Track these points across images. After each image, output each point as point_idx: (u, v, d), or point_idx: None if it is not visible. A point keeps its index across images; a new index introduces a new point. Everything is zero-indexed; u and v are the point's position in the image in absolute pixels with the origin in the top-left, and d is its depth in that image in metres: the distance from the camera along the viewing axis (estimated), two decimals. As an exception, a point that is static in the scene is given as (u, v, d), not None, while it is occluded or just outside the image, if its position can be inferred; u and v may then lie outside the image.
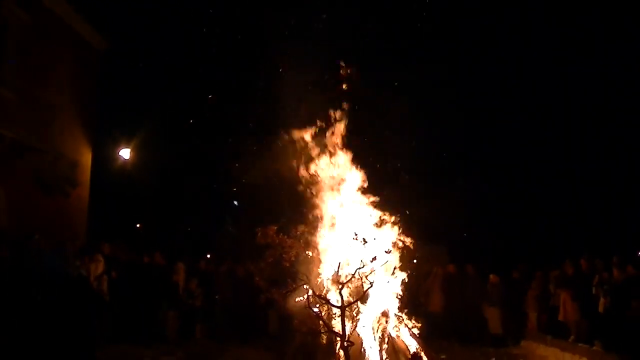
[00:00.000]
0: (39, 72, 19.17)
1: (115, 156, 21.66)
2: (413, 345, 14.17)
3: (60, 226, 19.11)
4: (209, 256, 22.95)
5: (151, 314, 17.28)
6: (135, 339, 16.24)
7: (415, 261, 15.19)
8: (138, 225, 33.76)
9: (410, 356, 13.76)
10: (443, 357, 15.91)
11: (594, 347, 15.92)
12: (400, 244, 14.61)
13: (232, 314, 18.77)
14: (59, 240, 15.60)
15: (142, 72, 25.34)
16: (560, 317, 18.30)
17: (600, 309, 16.24)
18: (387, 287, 14.42)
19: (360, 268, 13.29)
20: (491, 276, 20.31)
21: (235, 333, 18.53)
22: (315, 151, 15.48)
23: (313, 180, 15.52)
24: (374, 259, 13.43)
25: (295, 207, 15.81)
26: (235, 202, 36.89)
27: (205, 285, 19.13)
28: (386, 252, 14.18)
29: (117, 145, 21.48)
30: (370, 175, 15.50)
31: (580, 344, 16.67)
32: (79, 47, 20.98)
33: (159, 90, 26.11)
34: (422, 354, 14.18)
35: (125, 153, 21.51)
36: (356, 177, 15.44)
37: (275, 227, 14.44)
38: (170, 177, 28.21)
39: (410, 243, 14.75)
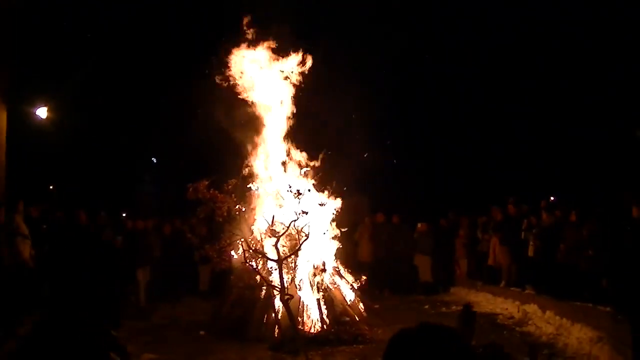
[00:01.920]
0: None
1: (32, 115, 20.90)
2: (350, 296, 14.22)
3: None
4: (124, 214, 22.48)
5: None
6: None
7: (335, 212, 15.05)
8: (51, 187, 33.04)
9: (347, 305, 13.80)
10: (376, 306, 15.98)
11: (526, 291, 16.18)
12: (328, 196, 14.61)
13: (162, 271, 18.35)
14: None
15: (60, 29, 24.39)
16: (490, 262, 18.59)
17: (530, 253, 16.48)
18: (322, 239, 14.39)
19: (294, 221, 13.13)
20: (419, 225, 20.44)
21: (165, 290, 18.13)
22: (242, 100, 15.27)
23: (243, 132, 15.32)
24: (305, 212, 13.32)
25: (223, 161, 15.59)
26: (154, 159, 36.50)
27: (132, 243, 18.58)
28: (320, 205, 14.12)
29: (33, 104, 20.72)
30: (299, 127, 15.40)
31: (512, 288, 16.95)
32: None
33: (77, 48, 25.21)
34: (360, 304, 14.26)
35: (42, 112, 20.75)
36: (283, 127, 15.33)
37: (207, 182, 14.21)
38: (87, 136, 27.56)
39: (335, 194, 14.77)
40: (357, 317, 13.67)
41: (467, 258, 20.04)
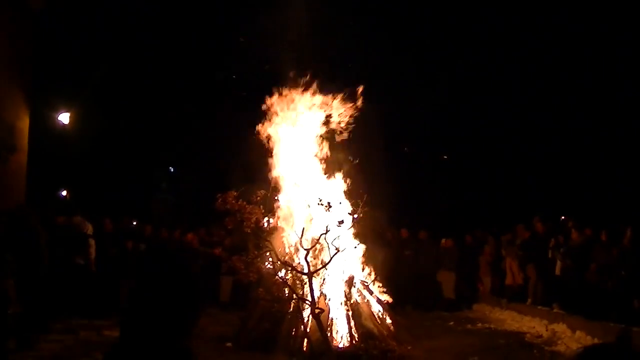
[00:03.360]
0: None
1: (55, 121, 20.84)
2: (378, 311, 14.06)
3: (-3, 193, 18.24)
4: (134, 223, 22.25)
5: (105, 283, 16.65)
6: (87, 311, 15.69)
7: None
8: (64, 193, 32.94)
9: (376, 320, 13.64)
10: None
11: (554, 310, 16.02)
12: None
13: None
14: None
15: (81, 33, 24.36)
16: (508, 281, 18.56)
17: (557, 271, 16.35)
18: (351, 253, 14.22)
19: (324, 233, 13.00)
20: (443, 240, 20.29)
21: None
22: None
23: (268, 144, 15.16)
24: (341, 222, 13.20)
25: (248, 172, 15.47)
26: (171, 168, 36.42)
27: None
28: (339, 223, 13.88)
29: (56, 109, 20.67)
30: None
31: (539, 307, 16.80)
32: (15, 7, 19.98)
33: (98, 53, 25.16)
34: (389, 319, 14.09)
35: (64, 117, 20.69)
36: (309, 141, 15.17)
37: (235, 193, 14.07)
38: (104, 141, 27.46)
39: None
40: (385, 333, 13.50)
41: (490, 276, 19.93)
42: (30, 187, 19.13)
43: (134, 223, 21.80)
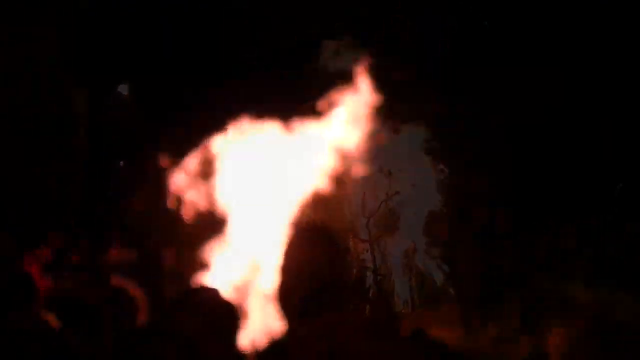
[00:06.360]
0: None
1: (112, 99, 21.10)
2: (438, 280, 14.03)
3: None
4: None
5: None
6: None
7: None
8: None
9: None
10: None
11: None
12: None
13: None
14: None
15: (129, 28, 24.48)
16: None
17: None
18: (413, 219, 14.18)
19: (386, 200, 13.05)
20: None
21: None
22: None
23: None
24: (397, 193, 13.25)
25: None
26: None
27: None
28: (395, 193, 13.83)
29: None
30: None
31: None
32: (61, 3, 20.16)
33: (146, 48, 25.22)
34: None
35: (123, 89, 20.93)
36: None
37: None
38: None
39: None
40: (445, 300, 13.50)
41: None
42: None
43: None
